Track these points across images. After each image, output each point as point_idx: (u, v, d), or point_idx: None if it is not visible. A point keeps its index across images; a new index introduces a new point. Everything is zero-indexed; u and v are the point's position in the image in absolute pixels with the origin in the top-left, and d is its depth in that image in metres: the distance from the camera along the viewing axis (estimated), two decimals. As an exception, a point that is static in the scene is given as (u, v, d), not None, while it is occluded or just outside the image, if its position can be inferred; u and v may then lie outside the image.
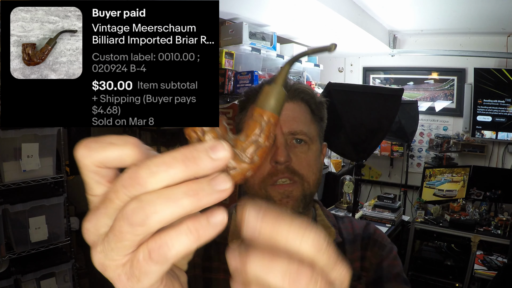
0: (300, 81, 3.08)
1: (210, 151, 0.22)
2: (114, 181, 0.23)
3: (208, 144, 0.23)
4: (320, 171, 0.75)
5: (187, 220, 0.22)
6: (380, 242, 0.77)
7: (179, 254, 0.22)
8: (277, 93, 0.26)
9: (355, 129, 2.11)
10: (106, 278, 0.24)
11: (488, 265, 2.73)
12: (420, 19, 3.20)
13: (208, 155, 0.22)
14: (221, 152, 0.23)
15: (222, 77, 2.37)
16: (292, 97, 0.73)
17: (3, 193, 2.06)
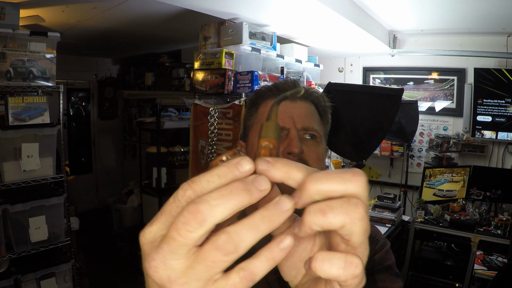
0: (300, 81, 3.08)
1: (255, 183, 0.27)
2: (173, 220, 0.26)
3: (251, 178, 0.27)
4: (323, 169, 0.77)
5: (263, 249, 0.27)
6: (373, 236, 0.78)
7: (261, 277, 0.26)
8: (274, 126, 0.32)
9: (355, 129, 2.11)
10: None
11: (488, 265, 2.73)
12: (420, 19, 3.19)
13: (256, 188, 0.26)
14: (264, 184, 0.27)
15: (222, 77, 2.37)
16: (305, 98, 0.78)
17: (3, 193, 2.06)
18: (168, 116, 3.74)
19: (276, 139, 0.32)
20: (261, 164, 0.28)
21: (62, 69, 3.13)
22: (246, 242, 0.25)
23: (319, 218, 0.27)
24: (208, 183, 0.26)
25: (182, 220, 0.25)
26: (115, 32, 3.41)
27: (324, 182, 0.27)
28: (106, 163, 5.58)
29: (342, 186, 0.27)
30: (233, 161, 0.27)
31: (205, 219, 0.24)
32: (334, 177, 0.27)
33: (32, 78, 2.08)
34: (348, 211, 0.26)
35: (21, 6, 2.14)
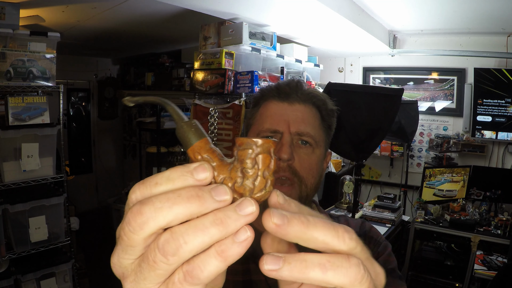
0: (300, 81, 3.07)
1: (212, 192, 0.24)
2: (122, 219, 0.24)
3: (210, 187, 0.24)
4: (320, 176, 0.76)
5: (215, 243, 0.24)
6: (375, 239, 0.78)
7: (211, 275, 0.23)
8: (185, 127, 0.28)
9: (355, 129, 2.11)
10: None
11: (488, 265, 2.73)
12: (420, 19, 3.19)
13: (212, 196, 0.24)
14: (223, 194, 0.24)
15: (222, 77, 2.37)
16: (305, 100, 0.75)
17: (3, 193, 2.06)
18: (168, 116, 3.74)
19: (200, 137, 0.27)
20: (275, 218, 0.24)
21: (62, 69, 3.13)
22: (189, 246, 0.23)
23: (317, 273, 0.24)
24: (156, 185, 0.24)
25: (125, 221, 0.24)
26: (115, 32, 3.41)
27: (312, 230, 0.24)
28: (106, 163, 5.58)
29: (330, 240, 0.25)
30: (189, 166, 0.25)
31: (146, 221, 0.23)
32: (322, 227, 0.25)
33: (32, 78, 2.08)
34: (348, 272, 0.24)
35: (21, 6, 2.14)
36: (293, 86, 0.77)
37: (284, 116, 0.73)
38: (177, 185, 0.24)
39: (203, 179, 0.25)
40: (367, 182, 4.27)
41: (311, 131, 0.73)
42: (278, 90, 0.77)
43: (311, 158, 0.72)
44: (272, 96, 0.77)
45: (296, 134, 0.71)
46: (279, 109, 0.74)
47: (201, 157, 0.27)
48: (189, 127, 0.28)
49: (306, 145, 0.72)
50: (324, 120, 0.78)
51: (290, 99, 0.75)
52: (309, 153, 0.72)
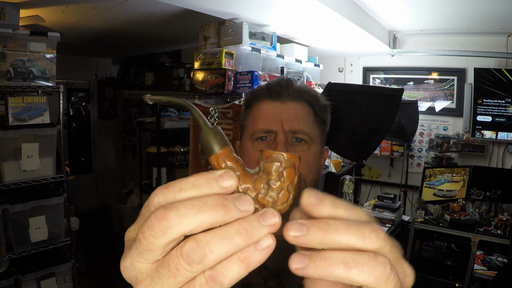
0: (300, 80, 3.08)
1: (236, 202, 0.24)
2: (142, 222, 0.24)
3: (234, 196, 0.24)
4: (318, 172, 0.76)
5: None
6: None
7: (233, 280, 0.24)
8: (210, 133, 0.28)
9: (355, 129, 2.11)
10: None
11: (488, 265, 2.73)
12: (420, 19, 3.19)
13: (236, 206, 0.24)
14: (247, 205, 0.24)
15: (222, 77, 2.37)
16: (296, 98, 0.75)
17: (3, 193, 2.06)
18: (168, 116, 3.75)
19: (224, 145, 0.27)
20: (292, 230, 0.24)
21: (62, 69, 3.13)
22: (215, 254, 0.23)
23: (341, 271, 0.24)
24: (180, 191, 0.24)
25: (148, 224, 0.23)
26: (115, 32, 3.41)
27: (343, 234, 0.24)
28: (106, 163, 5.58)
29: (362, 241, 0.24)
30: (215, 173, 0.25)
31: (170, 227, 0.23)
32: (354, 229, 0.24)
33: (32, 78, 2.08)
34: (374, 270, 0.24)
35: (21, 6, 2.14)
36: (284, 85, 0.76)
37: (277, 115, 0.72)
38: (202, 191, 0.24)
39: (228, 187, 0.25)
40: (367, 182, 4.27)
41: (305, 128, 0.73)
42: (269, 89, 0.76)
43: (307, 154, 0.72)
44: (264, 96, 0.76)
45: (290, 132, 0.71)
46: (271, 108, 0.74)
47: (225, 164, 0.27)
48: (215, 134, 0.27)
49: (301, 142, 0.72)
50: (318, 115, 0.78)
51: (282, 98, 0.75)
52: (305, 150, 0.72)
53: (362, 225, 0.25)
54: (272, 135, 0.72)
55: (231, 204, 0.24)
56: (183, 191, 0.24)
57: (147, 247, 0.23)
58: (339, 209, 0.26)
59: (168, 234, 0.23)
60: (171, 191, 0.24)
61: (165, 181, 3.46)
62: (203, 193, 0.24)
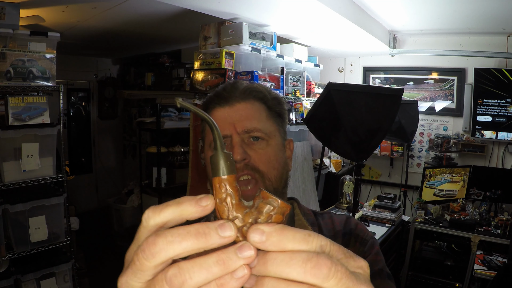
0: (301, 80, 3.08)
1: (219, 229, 0.27)
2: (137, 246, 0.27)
3: (217, 223, 0.27)
4: (283, 166, 0.76)
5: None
6: (361, 237, 0.76)
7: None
8: (220, 158, 0.30)
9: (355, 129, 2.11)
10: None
11: (488, 265, 2.73)
12: (420, 19, 3.19)
13: (217, 233, 0.26)
14: (228, 231, 0.27)
15: (222, 77, 2.37)
16: (244, 97, 0.76)
17: (3, 193, 2.06)
18: (168, 116, 3.74)
19: (231, 172, 0.30)
20: (253, 236, 0.27)
21: (62, 69, 3.13)
22: (194, 281, 0.25)
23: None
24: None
25: (141, 248, 0.26)
26: (115, 32, 3.41)
27: (284, 267, 0.25)
28: (106, 163, 5.58)
29: (303, 276, 0.25)
30: (200, 200, 0.28)
31: (158, 252, 0.26)
32: (295, 264, 0.25)
33: (32, 78, 2.09)
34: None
35: (21, 6, 2.14)
36: (229, 89, 0.77)
37: (228, 119, 0.73)
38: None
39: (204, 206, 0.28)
40: (367, 182, 4.27)
41: (258, 125, 0.73)
42: (217, 97, 0.77)
43: (267, 151, 0.73)
44: (214, 104, 0.77)
45: (244, 132, 0.72)
46: (222, 114, 0.75)
47: (225, 189, 0.29)
48: (227, 159, 0.30)
49: (258, 140, 0.73)
50: (271, 109, 0.78)
51: (230, 101, 0.75)
52: (263, 147, 0.73)
53: (306, 260, 0.25)
54: (228, 139, 0.72)
55: (213, 232, 0.26)
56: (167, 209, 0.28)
57: (139, 267, 0.26)
58: (287, 242, 0.27)
59: (157, 258, 0.26)
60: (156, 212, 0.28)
61: (165, 181, 3.46)
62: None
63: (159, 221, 0.28)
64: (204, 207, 0.28)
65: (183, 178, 3.26)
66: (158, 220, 0.28)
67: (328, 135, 2.25)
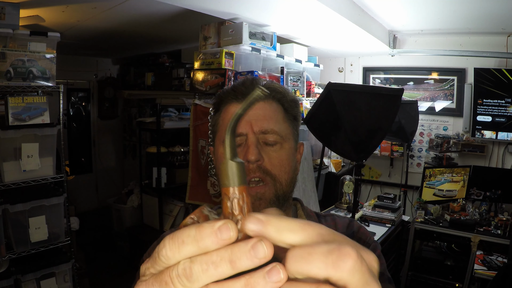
0: (301, 80, 3.08)
1: (252, 251, 0.25)
2: (163, 266, 0.27)
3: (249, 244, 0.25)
4: (294, 170, 0.75)
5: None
6: (364, 240, 0.76)
7: None
8: (228, 167, 0.28)
9: (355, 129, 2.11)
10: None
11: (488, 265, 2.73)
12: (420, 19, 3.19)
13: (251, 257, 0.25)
14: (262, 252, 0.25)
15: (222, 77, 2.37)
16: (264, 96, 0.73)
17: (3, 193, 2.06)
18: (168, 116, 3.74)
19: (240, 183, 0.28)
20: (251, 226, 0.26)
21: (62, 69, 3.13)
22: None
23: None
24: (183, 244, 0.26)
25: (175, 273, 0.25)
26: (115, 32, 3.41)
27: (304, 264, 0.24)
28: (106, 163, 5.58)
29: (325, 271, 0.24)
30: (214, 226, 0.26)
31: (195, 280, 0.25)
32: (316, 259, 0.24)
33: (32, 78, 2.09)
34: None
35: (21, 6, 2.14)
36: (249, 85, 0.74)
37: (245, 117, 0.70)
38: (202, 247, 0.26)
39: (227, 239, 0.26)
40: (367, 182, 4.27)
41: (275, 127, 0.71)
42: (234, 91, 0.75)
43: (280, 154, 0.71)
44: (230, 99, 0.75)
45: (260, 132, 0.70)
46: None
47: (228, 201, 0.28)
48: (240, 168, 0.28)
49: (272, 145, 0.71)
50: (288, 112, 0.76)
51: None
52: (277, 149, 0.71)
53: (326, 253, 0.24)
54: (243, 138, 0.70)
55: (246, 257, 0.25)
56: (185, 244, 0.26)
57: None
58: (283, 233, 0.26)
59: (194, 285, 0.25)
60: (174, 246, 0.26)
61: (165, 181, 3.46)
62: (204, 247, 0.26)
63: (179, 258, 0.26)
64: (225, 241, 0.26)
65: (183, 178, 3.26)
66: (178, 258, 0.26)
67: (328, 135, 2.25)
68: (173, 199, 3.64)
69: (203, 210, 0.29)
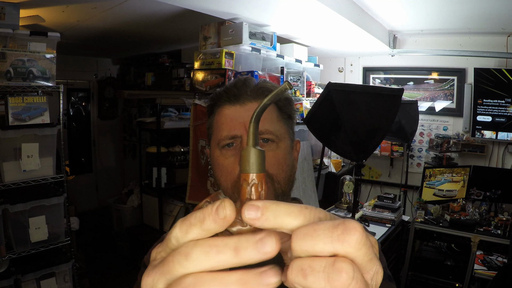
0: (301, 80, 3.08)
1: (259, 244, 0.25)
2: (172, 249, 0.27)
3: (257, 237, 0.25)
4: (291, 168, 0.75)
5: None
6: None
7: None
8: (251, 154, 0.29)
9: (355, 129, 2.11)
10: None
11: (488, 265, 2.73)
12: (420, 19, 3.19)
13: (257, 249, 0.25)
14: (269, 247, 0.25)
15: (222, 77, 2.37)
16: (256, 96, 0.73)
17: (3, 193, 2.06)
18: (168, 116, 3.74)
19: (256, 170, 0.29)
20: (248, 213, 0.26)
21: (62, 69, 3.13)
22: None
23: (300, 278, 0.24)
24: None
25: (177, 251, 0.25)
26: (115, 32, 3.41)
27: (309, 240, 0.24)
28: (106, 163, 5.58)
29: (331, 246, 0.24)
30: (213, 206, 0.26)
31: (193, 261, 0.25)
32: (321, 234, 0.24)
33: (32, 78, 2.09)
34: (330, 277, 0.23)
35: (21, 6, 2.14)
36: (241, 86, 0.74)
37: (239, 119, 0.71)
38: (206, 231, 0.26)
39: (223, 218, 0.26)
40: (367, 182, 4.27)
41: (269, 127, 0.71)
42: (227, 93, 0.74)
43: (277, 153, 0.71)
44: (223, 101, 0.75)
45: None
46: (232, 112, 0.73)
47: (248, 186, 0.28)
48: (261, 156, 0.29)
49: (268, 142, 0.71)
50: (282, 110, 0.76)
51: (241, 100, 0.73)
52: (273, 149, 0.71)
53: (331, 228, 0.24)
54: (237, 140, 0.70)
55: (251, 248, 0.25)
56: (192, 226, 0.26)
57: (170, 271, 0.25)
58: (283, 216, 0.26)
59: (191, 267, 0.25)
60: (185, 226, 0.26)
61: (165, 181, 3.46)
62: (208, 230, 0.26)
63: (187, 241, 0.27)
64: (224, 220, 0.26)
65: (183, 178, 3.26)
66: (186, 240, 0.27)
67: (328, 135, 2.25)
68: (173, 199, 3.64)
69: (219, 194, 0.30)
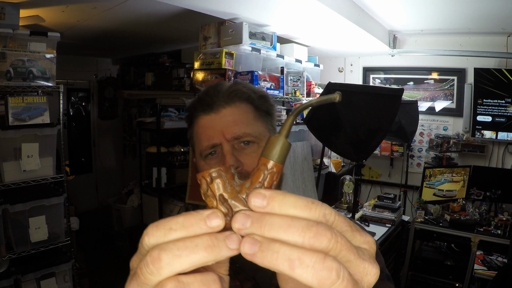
0: (301, 80, 3.08)
1: (227, 240, 0.25)
2: (141, 259, 0.26)
3: (225, 234, 0.26)
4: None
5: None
6: None
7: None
8: (281, 143, 0.29)
9: (355, 129, 2.11)
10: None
11: (488, 265, 2.73)
12: (420, 19, 3.19)
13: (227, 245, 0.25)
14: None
15: (222, 77, 2.37)
16: (228, 101, 0.73)
17: (3, 193, 2.06)
18: (168, 116, 3.74)
19: (278, 161, 0.29)
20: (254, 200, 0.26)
21: (62, 69, 3.13)
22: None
23: (285, 268, 0.24)
24: (170, 231, 0.26)
25: (144, 262, 0.25)
26: (115, 32, 3.41)
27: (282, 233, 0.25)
28: (106, 163, 5.58)
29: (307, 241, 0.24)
30: (203, 213, 0.26)
31: (163, 267, 0.24)
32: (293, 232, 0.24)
33: (32, 78, 2.08)
34: (318, 274, 0.23)
35: (21, 6, 2.14)
36: (212, 93, 0.74)
37: (216, 127, 0.71)
38: (189, 232, 0.26)
39: (215, 227, 0.26)
40: (367, 182, 4.27)
41: (247, 130, 0.71)
42: (200, 103, 0.75)
43: (258, 153, 0.71)
44: (198, 111, 0.75)
45: (233, 139, 0.70)
46: (208, 122, 0.73)
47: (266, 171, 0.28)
48: (288, 149, 0.30)
49: (249, 144, 0.71)
50: (258, 109, 0.76)
51: (215, 107, 0.73)
52: (255, 150, 0.71)
53: (305, 229, 0.24)
54: (218, 148, 0.71)
55: (222, 244, 0.25)
56: (173, 231, 0.26)
57: (144, 281, 0.25)
58: (289, 208, 0.26)
59: (162, 273, 0.25)
60: (161, 231, 0.26)
61: (165, 181, 3.46)
62: (193, 234, 0.26)
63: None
64: (214, 229, 0.26)
65: (183, 178, 3.26)
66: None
67: (328, 135, 2.25)
68: (173, 199, 3.64)
69: (231, 168, 0.30)
